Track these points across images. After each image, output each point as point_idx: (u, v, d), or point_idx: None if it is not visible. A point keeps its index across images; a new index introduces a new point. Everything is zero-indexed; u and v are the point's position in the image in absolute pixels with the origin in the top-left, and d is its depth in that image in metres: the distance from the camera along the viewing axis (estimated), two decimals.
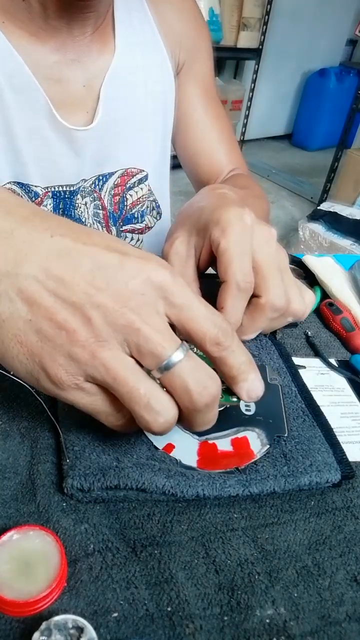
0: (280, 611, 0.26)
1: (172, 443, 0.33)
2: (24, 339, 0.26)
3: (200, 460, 0.33)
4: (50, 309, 0.25)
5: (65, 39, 0.52)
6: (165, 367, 0.26)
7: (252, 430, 0.35)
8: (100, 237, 0.28)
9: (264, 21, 3.05)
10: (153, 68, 0.61)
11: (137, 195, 0.67)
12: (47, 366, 0.26)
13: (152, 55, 0.60)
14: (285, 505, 0.32)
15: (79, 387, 0.27)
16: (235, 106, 3.35)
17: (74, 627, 0.23)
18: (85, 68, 0.55)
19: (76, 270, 0.26)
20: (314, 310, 0.52)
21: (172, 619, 0.25)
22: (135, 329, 0.26)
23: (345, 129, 2.56)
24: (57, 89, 0.53)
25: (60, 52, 0.53)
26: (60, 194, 0.59)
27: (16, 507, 0.29)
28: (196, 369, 0.27)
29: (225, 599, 0.27)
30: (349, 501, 0.33)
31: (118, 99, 0.58)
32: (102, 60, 0.56)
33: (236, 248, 0.36)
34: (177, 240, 0.41)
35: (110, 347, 0.26)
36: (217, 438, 0.34)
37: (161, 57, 0.62)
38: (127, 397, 0.26)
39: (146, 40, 0.60)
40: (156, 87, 0.62)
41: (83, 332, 0.25)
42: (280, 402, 0.38)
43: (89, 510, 0.30)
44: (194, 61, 0.66)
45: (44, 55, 0.52)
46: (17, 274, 0.26)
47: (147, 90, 0.61)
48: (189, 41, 0.65)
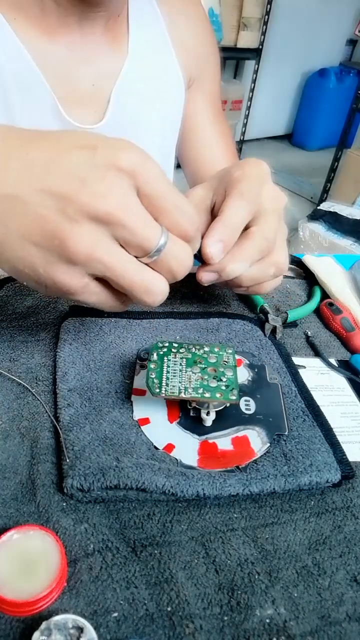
0: (280, 611, 0.26)
1: (172, 443, 0.33)
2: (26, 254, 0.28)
3: (200, 460, 0.33)
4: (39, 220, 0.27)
5: (76, 36, 0.52)
6: (152, 255, 0.30)
7: (252, 428, 0.35)
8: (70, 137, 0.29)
9: (264, 21, 3.05)
10: (164, 76, 0.61)
11: None
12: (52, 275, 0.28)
13: (164, 63, 0.61)
14: (285, 505, 0.32)
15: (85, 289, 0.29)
16: (235, 106, 3.35)
17: (74, 627, 0.23)
18: (95, 67, 0.55)
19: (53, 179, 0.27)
20: (314, 310, 0.52)
21: (172, 619, 0.25)
22: (121, 226, 0.28)
23: (345, 129, 2.55)
24: (65, 86, 0.53)
25: (70, 50, 0.53)
26: None
27: (16, 507, 0.29)
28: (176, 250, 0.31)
29: (225, 599, 0.27)
30: (349, 501, 0.33)
31: (128, 103, 0.58)
32: (113, 61, 0.56)
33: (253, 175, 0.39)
34: (198, 186, 0.42)
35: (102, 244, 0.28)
36: (218, 437, 0.34)
37: (173, 66, 0.62)
38: (128, 287, 0.30)
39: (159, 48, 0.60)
40: (165, 95, 0.62)
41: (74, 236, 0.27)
42: (280, 401, 0.38)
43: (89, 510, 0.30)
44: (204, 78, 0.67)
45: (53, 52, 0.52)
46: None
47: (156, 96, 0.61)
48: (201, 57, 0.66)
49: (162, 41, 0.61)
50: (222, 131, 0.72)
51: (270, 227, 0.39)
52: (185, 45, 0.63)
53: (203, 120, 0.69)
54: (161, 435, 0.34)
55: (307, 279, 0.58)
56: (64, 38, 0.52)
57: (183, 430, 0.34)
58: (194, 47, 0.64)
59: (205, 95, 0.69)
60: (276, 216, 0.40)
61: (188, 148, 0.70)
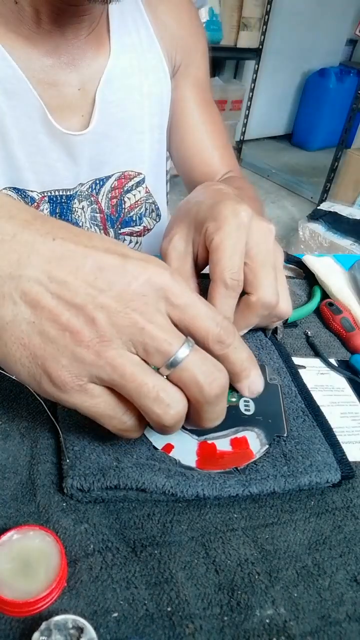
0: (280, 611, 0.26)
1: (171, 443, 0.33)
2: (27, 342, 0.26)
3: (199, 461, 0.33)
4: (53, 310, 0.25)
5: (59, 42, 0.52)
6: (173, 363, 0.26)
7: (252, 430, 0.35)
8: (100, 240, 0.28)
9: (264, 21, 3.05)
10: (149, 70, 0.60)
11: (135, 198, 0.66)
12: (49, 368, 0.26)
13: (148, 56, 0.60)
14: (285, 505, 0.32)
15: (82, 389, 0.26)
16: (235, 106, 3.35)
17: (74, 627, 0.23)
18: (80, 71, 0.55)
19: (78, 272, 0.26)
20: (314, 310, 0.52)
21: (172, 619, 0.25)
22: (140, 328, 0.26)
23: (345, 129, 2.55)
24: (52, 93, 0.53)
25: (54, 56, 0.52)
26: (56, 198, 0.59)
27: (16, 507, 0.29)
28: (204, 362, 0.27)
29: (225, 599, 0.27)
30: (349, 501, 0.33)
31: (113, 103, 0.58)
32: (97, 63, 0.56)
33: (228, 245, 0.36)
34: (175, 237, 0.41)
35: (115, 346, 0.26)
36: (217, 438, 0.34)
37: (157, 58, 0.61)
38: (136, 392, 0.26)
39: (141, 41, 0.59)
40: (152, 89, 0.61)
41: (87, 332, 0.25)
42: (280, 401, 0.38)
43: (89, 510, 0.30)
44: (189, 63, 0.66)
45: (37, 58, 0.52)
46: (20, 276, 0.26)
47: (142, 92, 0.60)
48: (185, 43, 0.64)
49: (146, 34, 0.60)
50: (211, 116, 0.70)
51: (270, 292, 0.38)
52: (169, 30, 0.62)
53: (190, 105, 0.68)
54: (160, 435, 0.34)
55: (307, 279, 0.58)
56: (47, 44, 0.51)
57: (182, 431, 0.34)
58: (177, 32, 0.63)
59: (192, 82, 0.67)
60: (271, 269, 0.38)
61: (175, 133, 0.69)
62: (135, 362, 0.26)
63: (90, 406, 0.27)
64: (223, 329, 0.28)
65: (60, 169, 0.57)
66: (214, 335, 0.28)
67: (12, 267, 0.26)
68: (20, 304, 0.26)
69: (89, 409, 0.27)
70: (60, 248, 0.26)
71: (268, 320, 0.41)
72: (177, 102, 0.67)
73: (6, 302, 0.26)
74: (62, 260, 0.26)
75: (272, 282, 0.38)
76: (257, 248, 0.37)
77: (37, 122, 0.53)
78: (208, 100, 0.70)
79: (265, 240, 0.38)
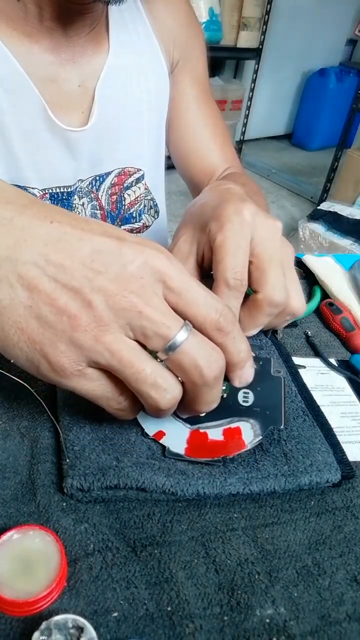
0: (280, 611, 0.26)
1: (163, 430, 0.34)
2: (24, 326, 0.26)
3: (188, 448, 0.33)
4: (50, 294, 0.25)
5: (60, 39, 0.52)
6: (171, 347, 0.27)
7: (247, 420, 0.35)
8: (97, 224, 0.28)
9: (264, 21, 3.05)
10: (147, 66, 0.61)
11: (135, 195, 0.66)
12: (48, 353, 0.26)
13: (146, 53, 0.60)
14: (285, 505, 0.32)
15: (81, 374, 0.26)
16: (235, 106, 3.34)
17: (74, 626, 0.23)
18: (80, 68, 0.55)
19: (75, 255, 0.26)
20: (314, 310, 0.52)
21: (172, 619, 0.25)
22: (138, 312, 0.26)
23: (345, 129, 2.55)
24: (52, 90, 0.53)
25: (55, 53, 0.53)
26: (57, 195, 0.59)
27: (16, 507, 0.29)
28: (202, 345, 0.27)
29: (225, 598, 0.27)
30: (349, 501, 0.33)
31: (113, 99, 0.58)
32: (96, 60, 0.56)
33: (231, 244, 0.35)
34: (181, 239, 0.40)
35: (112, 330, 0.26)
36: (210, 427, 0.34)
37: (155, 55, 0.61)
38: (134, 378, 0.26)
39: (140, 38, 0.60)
40: (151, 86, 0.62)
41: (84, 316, 0.25)
42: (281, 394, 0.37)
43: (89, 510, 0.30)
44: (187, 59, 0.66)
45: (38, 55, 0.52)
46: (16, 260, 0.26)
47: (141, 88, 0.61)
48: (182, 39, 0.65)
49: (144, 32, 0.60)
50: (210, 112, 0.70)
51: (277, 290, 0.36)
52: (167, 27, 0.62)
53: (189, 101, 0.68)
54: (153, 422, 0.34)
55: (307, 279, 0.58)
56: (48, 41, 0.52)
57: (175, 419, 0.34)
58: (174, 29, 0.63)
59: (190, 78, 0.67)
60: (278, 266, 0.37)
61: (174, 129, 0.69)
62: (132, 347, 0.26)
63: (89, 389, 0.27)
64: (222, 316, 0.28)
65: (61, 165, 0.57)
66: (213, 322, 0.28)
67: (9, 250, 0.26)
68: (17, 287, 0.26)
69: (88, 392, 0.28)
70: (57, 231, 0.26)
71: (281, 319, 0.40)
72: (175, 98, 0.67)
73: (3, 285, 0.26)
74: (59, 243, 0.26)
75: (279, 279, 0.37)
76: (262, 245, 0.37)
77: (38, 118, 0.53)
78: (207, 96, 0.70)
79: (271, 237, 0.37)
